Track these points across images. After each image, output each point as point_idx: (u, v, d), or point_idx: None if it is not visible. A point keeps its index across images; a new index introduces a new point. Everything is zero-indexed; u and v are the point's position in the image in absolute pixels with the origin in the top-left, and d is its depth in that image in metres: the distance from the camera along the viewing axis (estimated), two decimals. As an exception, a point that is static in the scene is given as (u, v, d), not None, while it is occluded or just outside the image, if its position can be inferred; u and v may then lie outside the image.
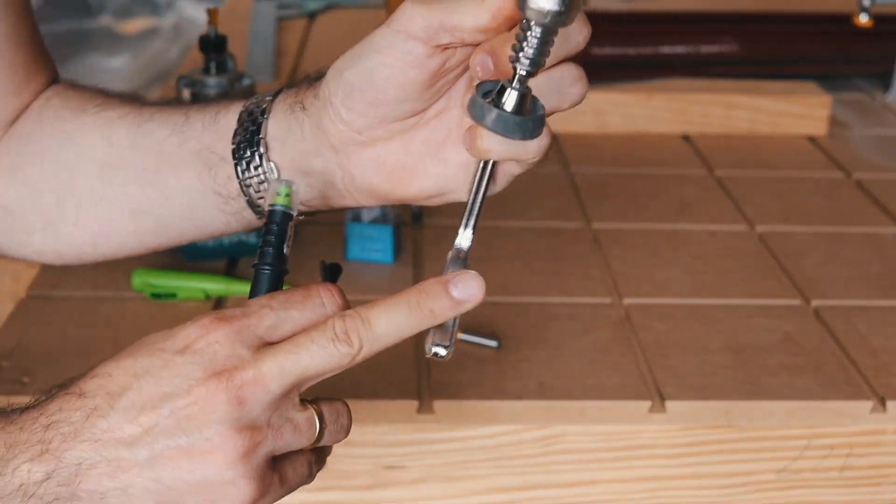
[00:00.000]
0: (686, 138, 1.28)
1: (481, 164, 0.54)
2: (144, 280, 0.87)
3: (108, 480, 0.47)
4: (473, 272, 0.51)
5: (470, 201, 0.54)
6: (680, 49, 1.45)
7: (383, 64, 0.53)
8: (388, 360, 0.80)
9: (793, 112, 1.29)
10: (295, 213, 0.52)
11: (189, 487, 0.47)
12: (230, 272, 0.92)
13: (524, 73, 0.49)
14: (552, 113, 0.53)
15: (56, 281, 0.89)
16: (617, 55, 1.41)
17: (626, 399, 0.76)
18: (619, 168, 1.18)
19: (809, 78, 1.35)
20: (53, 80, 0.69)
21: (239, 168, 0.59)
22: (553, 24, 0.47)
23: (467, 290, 0.50)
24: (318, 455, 0.53)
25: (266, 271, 0.52)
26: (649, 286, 0.92)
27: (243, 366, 0.48)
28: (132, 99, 0.66)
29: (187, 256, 0.92)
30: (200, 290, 0.87)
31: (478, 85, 0.51)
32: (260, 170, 0.58)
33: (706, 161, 1.21)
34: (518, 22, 0.49)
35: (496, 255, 0.97)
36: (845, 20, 1.40)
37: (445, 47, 0.52)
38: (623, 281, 0.92)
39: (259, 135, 0.58)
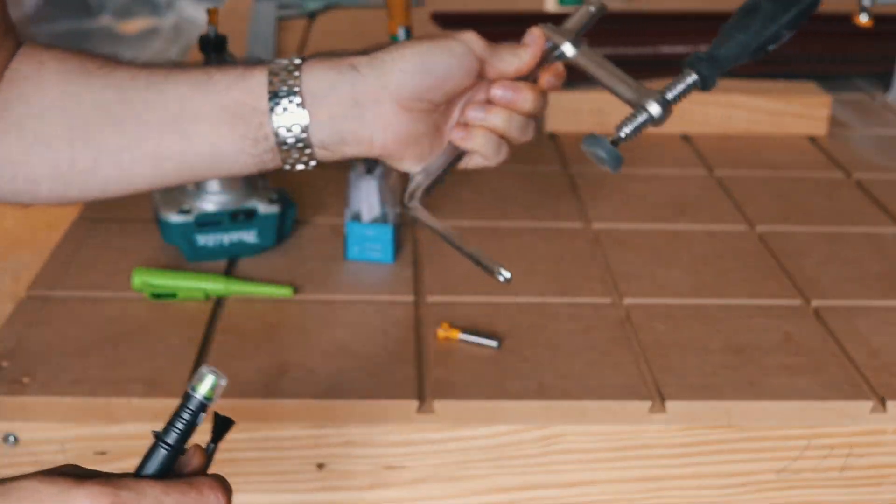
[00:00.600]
0: (686, 138, 1.28)
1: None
2: (144, 280, 0.87)
3: None
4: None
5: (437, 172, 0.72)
6: (679, 49, 1.45)
7: (454, 65, 0.69)
8: (388, 360, 0.80)
9: (793, 112, 1.29)
10: (211, 404, 0.54)
11: None
12: (230, 272, 0.92)
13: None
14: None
15: (56, 281, 0.89)
16: (616, 55, 1.40)
17: (627, 399, 0.76)
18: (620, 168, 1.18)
19: (809, 78, 1.35)
20: (17, 44, 0.72)
21: (275, 113, 0.67)
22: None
23: None
24: None
25: (166, 449, 0.53)
26: (649, 286, 0.92)
27: None
28: (135, 63, 0.71)
29: (187, 257, 0.92)
30: (200, 290, 0.87)
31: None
32: (296, 116, 0.67)
33: (706, 161, 1.21)
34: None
35: (496, 255, 0.96)
36: (845, 20, 1.40)
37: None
38: (623, 281, 0.92)
39: (299, 86, 0.67)
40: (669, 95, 0.71)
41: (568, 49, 0.73)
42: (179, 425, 0.53)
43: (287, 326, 0.85)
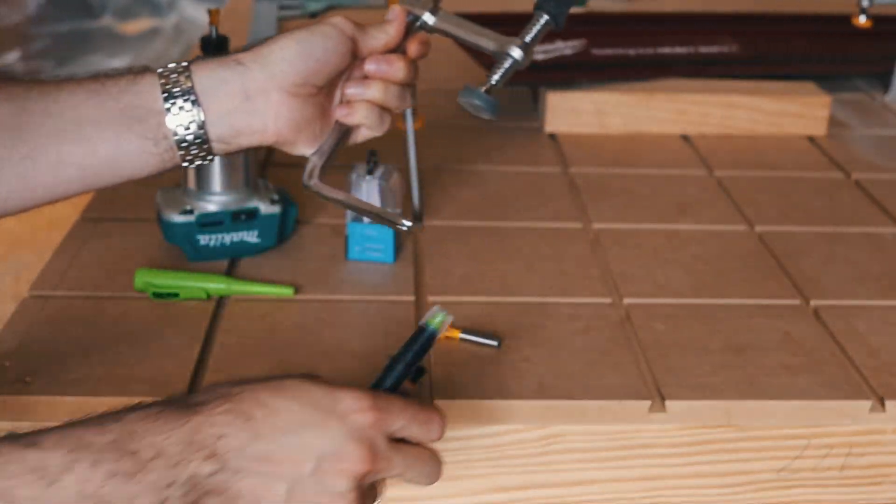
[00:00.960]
0: (686, 138, 1.28)
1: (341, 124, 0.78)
2: (146, 280, 0.87)
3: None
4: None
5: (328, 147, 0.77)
6: (680, 49, 1.45)
7: (330, 48, 0.74)
8: (388, 359, 0.80)
9: (792, 112, 1.30)
10: (439, 335, 0.67)
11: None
12: (231, 272, 0.92)
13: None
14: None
15: (58, 281, 0.89)
16: (617, 56, 1.41)
17: (627, 399, 0.76)
18: (620, 168, 1.18)
19: (809, 78, 1.35)
20: None
21: (171, 111, 0.71)
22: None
23: None
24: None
25: (403, 366, 0.66)
26: (649, 286, 0.92)
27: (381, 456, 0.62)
28: (27, 78, 0.73)
29: (189, 256, 0.93)
30: (202, 290, 0.87)
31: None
32: (191, 112, 0.71)
33: (706, 161, 1.21)
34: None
35: (497, 255, 0.97)
36: (844, 21, 1.41)
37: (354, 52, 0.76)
38: (623, 281, 0.93)
39: (191, 84, 0.71)
40: (528, 38, 0.77)
41: (428, 17, 0.79)
42: (414, 349, 0.66)
43: (288, 326, 0.85)
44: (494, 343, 0.81)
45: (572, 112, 1.27)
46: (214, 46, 0.93)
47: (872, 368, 0.81)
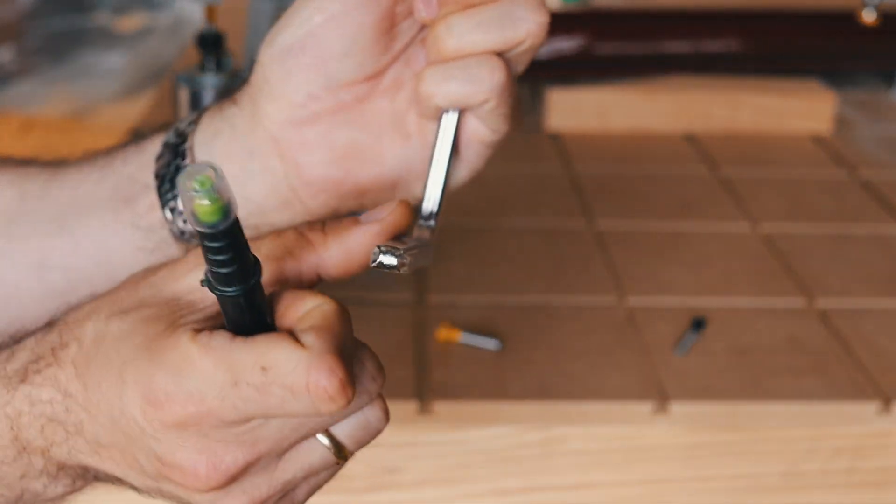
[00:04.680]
0: (690, 137, 1.28)
1: (441, 126, 0.48)
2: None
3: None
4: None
5: (429, 177, 0.48)
6: (683, 46, 1.44)
7: (320, 8, 0.47)
8: (387, 360, 0.79)
9: (797, 110, 1.29)
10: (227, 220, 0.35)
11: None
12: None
13: None
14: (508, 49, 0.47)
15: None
16: (620, 53, 1.40)
17: (629, 400, 0.75)
18: (622, 167, 1.18)
19: (814, 75, 1.35)
20: None
21: (162, 189, 0.51)
22: None
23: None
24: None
25: (231, 293, 0.38)
26: (652, 286, 0.91)
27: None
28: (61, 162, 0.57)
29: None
30: (198, 290, 0.86)
31: None
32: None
33: (710, 159, 1.20)
34: None
35: (498, 255, 0.96)
36: (850, 17, 1.40)
37: None
38: (626, 281, 0.92)
39: (185, 144, 0.50)
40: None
41: None
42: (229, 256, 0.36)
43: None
44: (495, 344, 0.81)
45: (574, 110, 1.26)
46: (211, 44, 0.92)
47: (879, 369, 0.80)
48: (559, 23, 1.33)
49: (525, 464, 0.75)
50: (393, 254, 0.44)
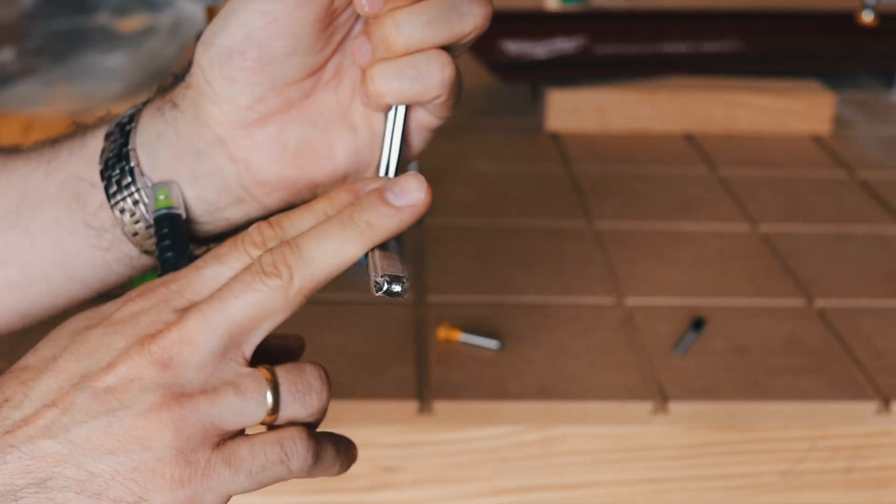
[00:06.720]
0: (689, 137, 1.28)
1: (389, 119, 0.48)
2: (145, 280, 0.86)
3: (20, 477, 0.40)
4: (412, 172, 0.44)
5: (383, 166, 0.49)
6: (683, 47, 1.44)
7: (260, 11, 0.46)
8: (388, 360, 0.79)
9: (796, 110, 1.29)
10: (182, 214, 0.47)
11: (115, 473, 0.41)
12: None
13: None
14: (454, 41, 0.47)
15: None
16: (619, 53, 1.40)
17: (629, 400, 0.75)
18: (622, 167, 1.18)
19: (813, 76, 1.35)
20: None
21: (109, 190, 0.50)
22: None
23: (406, 193, 0.44)
24: (313, 442, 0.46)
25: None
26: (652, 286, 0.91)
27: (167, 328, 0.42)
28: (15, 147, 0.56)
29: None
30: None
31: None
32: (133, 188, 0.50)
33: (709, 160, 1.21)
34: None
35: (497, 255, 0.96)
36: (849, 17, 1.40)
37: None
38: (625, 281, 0.92)
39: (128, 146, 0.50)
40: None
41: None
42: (168, 247, 0.47)
43: (287, 327, 0.84)
44: (495, 343, 0.81)
45: (573, 110, 1.26)
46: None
47: (878, 369, 0.80)
48: (559, 23, 1.34)
49: (525, 464, 0.75)
50: (398, 282, 0.46)
